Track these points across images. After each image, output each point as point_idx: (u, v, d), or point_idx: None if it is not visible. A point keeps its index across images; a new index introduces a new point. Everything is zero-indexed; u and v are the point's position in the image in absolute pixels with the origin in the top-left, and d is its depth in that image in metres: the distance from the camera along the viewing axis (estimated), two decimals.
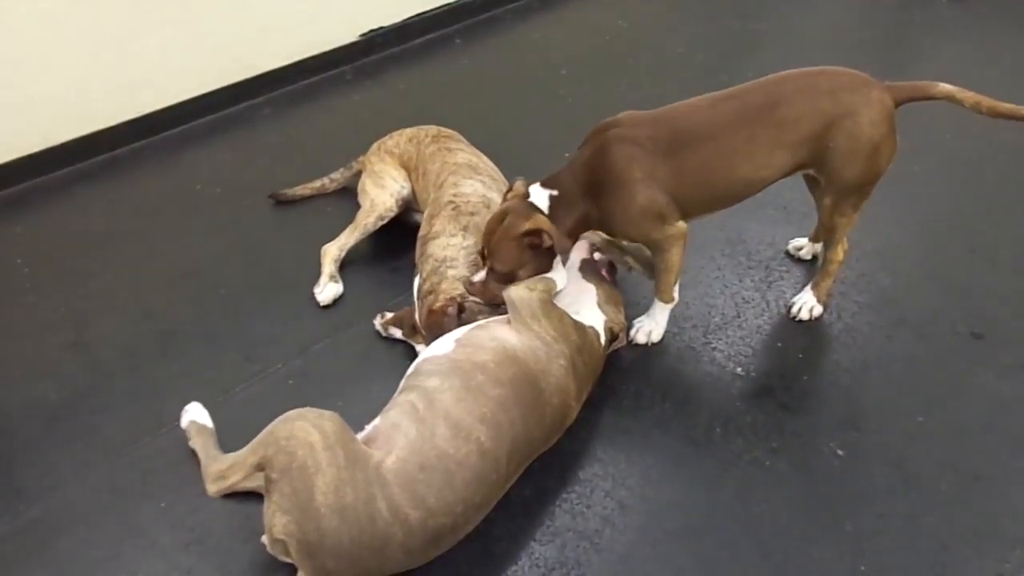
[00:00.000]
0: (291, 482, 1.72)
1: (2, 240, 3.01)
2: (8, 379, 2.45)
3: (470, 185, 2.61)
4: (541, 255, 2.26)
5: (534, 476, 2.11)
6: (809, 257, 2.78)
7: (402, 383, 2.04)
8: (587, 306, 2.31)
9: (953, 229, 2.81)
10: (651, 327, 2.50)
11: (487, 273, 2.28)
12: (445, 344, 2.06)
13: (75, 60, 3.23)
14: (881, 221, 2.41)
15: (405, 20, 4.20)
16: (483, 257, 2.31)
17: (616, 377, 2.39)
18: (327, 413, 1.83)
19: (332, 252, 2.77)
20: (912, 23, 4.41)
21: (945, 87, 2.24)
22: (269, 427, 1.82)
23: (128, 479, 2.15)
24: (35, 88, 3.17)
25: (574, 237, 2.32)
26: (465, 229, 2.46)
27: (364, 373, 2.42)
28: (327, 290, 2.68)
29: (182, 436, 2.19)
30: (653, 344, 2.50)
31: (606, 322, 2.30)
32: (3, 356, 2.53)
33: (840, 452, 2.18)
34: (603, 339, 2.27)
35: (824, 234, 2.47)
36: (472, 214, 2.50)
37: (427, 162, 2.75)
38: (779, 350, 2.48)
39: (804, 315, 2.56)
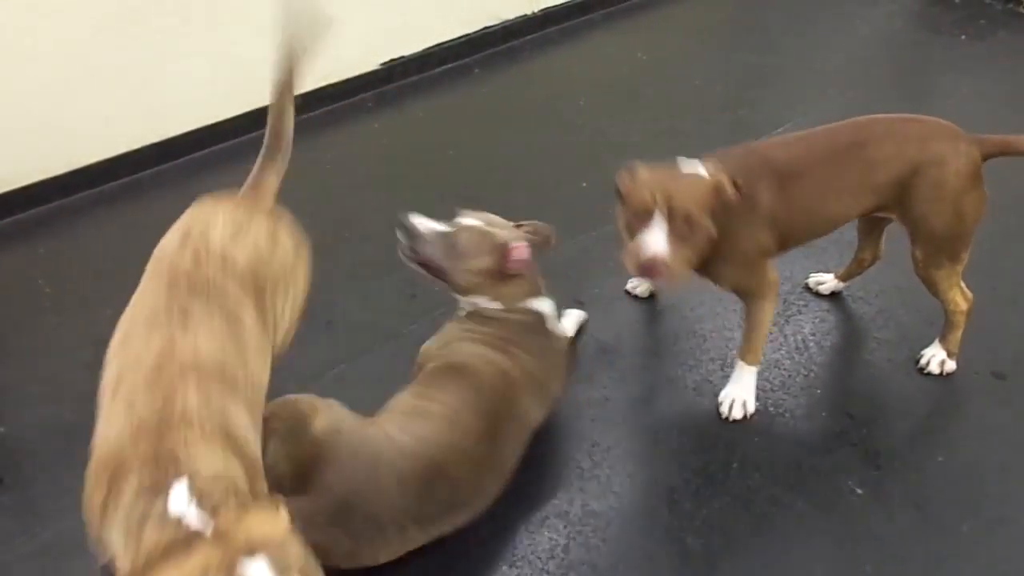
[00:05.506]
0: (290, 416, 1.91)
1: (25, 261, 3.04)
2: (26, 399, 2.46)
3: None
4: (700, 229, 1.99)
5: (548, 507, 2.10)
6: (829, 293, 2.76)
7: None
8: None
9: (975, 268, 2.78)
10: (744, 397, 2.35)
11: (669, 235, 1.93)
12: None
13: (100, 85, 3.26)
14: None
15: (425, 49, 4.23)
16: (630, 232, 2.01)
17: (633, 411, 2.38)
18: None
19: None
20: (931, 59, 4.41)
21: None
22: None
23: None
24: (60, 112, 3.21)
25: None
26: None
27: (380, 400, 2.39)
28: None
29: None
30: (750, 416, 2.35)
31: None
32: (22, 376, 2.55)
33: (859, 491, 2.15)
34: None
35: (927, 287, 2.38)
36: None
37: None
38: (797, 385, 2.47)
39: (934, 369, 2.46)
